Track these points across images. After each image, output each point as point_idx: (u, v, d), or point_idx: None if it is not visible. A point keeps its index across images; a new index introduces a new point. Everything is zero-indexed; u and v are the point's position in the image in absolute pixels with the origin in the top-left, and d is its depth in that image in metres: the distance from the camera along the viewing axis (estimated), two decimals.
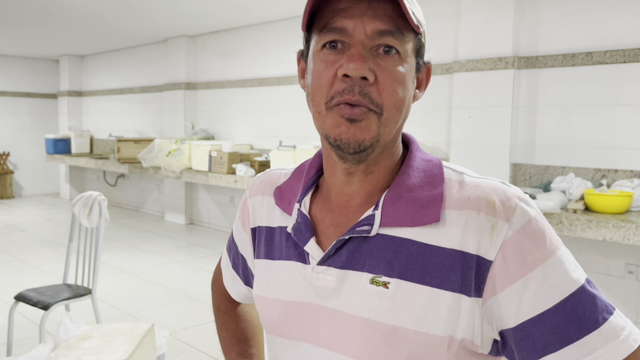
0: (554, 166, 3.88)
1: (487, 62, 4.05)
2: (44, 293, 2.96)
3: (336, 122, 0.67)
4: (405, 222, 0.68)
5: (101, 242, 3.02)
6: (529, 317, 0.64)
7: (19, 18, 5.90)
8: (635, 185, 3.41)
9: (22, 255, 5.26)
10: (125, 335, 1.63)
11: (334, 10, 0.66)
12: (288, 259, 0.77)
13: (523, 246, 0.64)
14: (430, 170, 0.72)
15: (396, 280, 0.67)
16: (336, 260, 0.71)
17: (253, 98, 6.16)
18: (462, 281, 0.65)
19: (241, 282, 0.96)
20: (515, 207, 0.66)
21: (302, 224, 0.75)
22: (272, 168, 0.91)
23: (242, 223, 0.90)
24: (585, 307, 0.63)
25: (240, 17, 5.74)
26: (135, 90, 7.90)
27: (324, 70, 0.67)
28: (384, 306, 0.67)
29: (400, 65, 0.67)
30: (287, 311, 0.76)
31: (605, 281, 3.68)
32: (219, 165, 5.60)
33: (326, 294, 0.72)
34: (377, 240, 0.69)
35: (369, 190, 0.73)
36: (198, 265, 5.00)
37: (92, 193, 3.11)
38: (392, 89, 0.67)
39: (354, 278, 0.70)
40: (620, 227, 3.06)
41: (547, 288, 0.63)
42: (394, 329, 0.66)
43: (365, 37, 0.66)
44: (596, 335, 0.62)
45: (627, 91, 3.57)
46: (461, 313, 0.65)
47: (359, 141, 0.67)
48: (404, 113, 0.70)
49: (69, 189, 9.11)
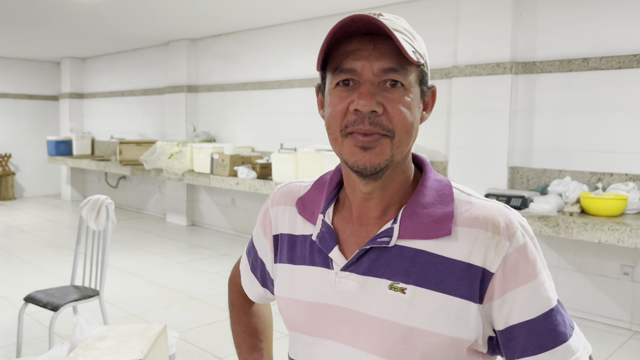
0: (551, 169, 3.95)
1: (485, 67, 4.13)
2: (53, 294, 3.02)
3: (352, 150, 0.77)
4: (421, 235, 0.78)
5: (108, 245, 3.09)
6: (515, 323, 0.76)
7: (20, 20, 5.97)
8: (630, 188, 3.49)
9: (26, 257, 5.32)
10: (140, 336, 1.71)
11: (345, 53, 0.76)
12: (312, 264, 0.85)
13: (519, 263, 0.75)
14: (441, 190, 0.82)
15: (412, 286, 0.76)
16: (358, 267, 0.80)
17: (254, 101, 6.23)
18: (469, 289, 0.75)
19: (259, 284, 1.04)
20: (517, 229, 0.77)
21: (326, 233, 0.84)
22: (291, 180, 1.01)
23: (262, 230, 0.98)
24: (558, 321, 0.76)
25: (242, 21, 5.82)
26: (137, 92, 7.97)
27: (338, 103, 0.77)
28: (402, 309, 0.76)
29: (406, 96, 0.77)
30: (311, 311, 0.84)
31: (600, 282, 3.76)
32: (221, 168, 5.67)
33: (348, 296, 0.80)
34: (395, 251, 0.78)
35: (386, 204, 0.82)
36: (200, 267, 5.07)
37: (99, 197, 3.18)
38: (401, 115, 0.76)
39: (375, 284, 0.79)
40: (616, 230, 3.13)
41: (533, 301, 0.75)
42: (411, 329, 0.76)
43: (373, 75, 0.75)
44: (565, 347, 0.75)
45: (622, 96, 3.65)
46: (470, 317, 0.76)
47: (374, 165, 0.77)
48: (413, 135, 0.79)
49: (71, 190, 9.17)
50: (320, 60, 0.78)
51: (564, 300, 3.92)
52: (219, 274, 4.84)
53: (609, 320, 3.73)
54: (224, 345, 3.27)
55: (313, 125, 5.60)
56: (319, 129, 5.54)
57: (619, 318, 3.69)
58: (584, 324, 3.72)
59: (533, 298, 0.75)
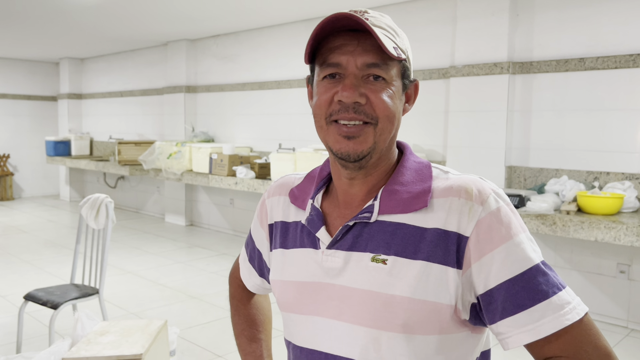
0: (548, 169, 3.98)
1: (482, 67, 4.16)
2: (53, 293, 3.04)
3: (336, 138, 0.82)
4: (399, 209, 0.82)
5: (108, 244, 3.11)
6: (493, 285, 0.77)
7: (19, 21, 5.98)
8: (626, 187, 3.52)
9: (26, 257, 5.33)
10: (141, 331, 1.73)
11: (331, 48, 0.81)
12: (301, 246, 0.90)
13: (493, 226, 0.77)
14: (420, 170, 0.87)
15: (393, 257, 0.80)
16: (342, 243, 0.85)
17: (253, 101, 6.25)
18: (445, 254, 0.78)
19: (256, 274, 1.09)
20: (489, 195, 0.80)
21: (314, 215, 0.89)
22: (287, 174, 1.05)
23: (259, 221, 1.04)
24: (539, 281, 0.76)
25: (240, 21, 5.84)
26: (136, 93, 7.99)
27: (324, 94, 0.83)
28: (383, 279, 0.80)
29: (388, 88, 0.82)
30: (301, 290, 0.88)
31: (597, 280, 3.78)
32: (220, 168, 5.69)
33: (334, 273, 0.84)
34: (377, 226, 0.83)
35: (369, 188, 0.87)
36: (200, 266, 5.09)
37: (99, 195, 3.20)
38: (384, 104, 0.81)
39: (358, 257, 0.83)
40: (612, 228, 3.16)
41: (509, 262, 0.76)
42: (392, 297, 0.79)
43: (357, 69, 0.80)
44: (545, 304, 0.75)
45: (618, 96, 3.68)
46: (448, 282, 0.78)
47: (357, 153, 0.81)
48: (395, 124, 0.84)
49: (69, 190, 9.18)
50: (307, 53, 0.82)
51: None
52: (218, 273, 4.86)
53: (605, 318, 3.76)
54: (223, 342, 3.29)
55: (311, 125, 5.60)
56: None
57: (615, 316, 3.72)
58: None
59: (509, 258, 0.76)
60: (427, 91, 4.65)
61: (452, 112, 4.38)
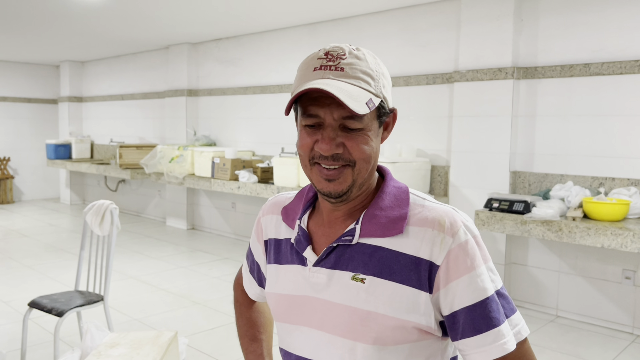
0: (553, 174, 3.98)
1: (487, 72, 4.15)
2: (57, 300, 3.02)
3: (318, 179, 0.91)
4: (378, 233, 0.91)
5: (113, 250, 3.09)
6: (457, 309, 0.88)
7: (20, 24, 5.96)
8: (632, 193, 3.51)
9: (27, 261, 5.31)
10: (151, 343, 1.71)
11: (310, 99, 0.88)
12: (292, 263, 0.99)
13: (459, 257, 0.87)
14: (399, 195, 0.95)
15: (370, 277, 0.89)
16: (326, 262, 0.94)
17: (255, 105, 6.24)
18: (419, 279, 0.88)
19: (256, 284, 1.18)
20: (459, 228, 0.89)
21: (301, 236, 0.99)
22: (280, 193, 1.13)
23: (257, 236, 1.14)
24: (492, 309, 0.87)
25: (242, 26, 5.83)
26: (137, 96, 7.97)
27: (306, 138, 0.91)
28: (361, 296, 0.89)
29: (364, 135, 0.89)
30: (291, 302, 0.98)
31: (602, 286, 3.78)
32: (222, 172, 5.67)
33: (319, 288, 0.94)
34: (357, 247, 0.92)
35: (350, 211, 0.97)
36: (202, 271, 5.07)
37: (103, 202, 3.18)
38: (360, 150, 0.89)
39: (340, 275, 0.92)
40: (618, 235, 3.15)
41: (471, 290, 0.87)
42: (368, 313, 0.88)
43: (333, 121, 0.88)
44: (496, 332, 0.87)
45: (623, 102, 3.67)
46: (419, 304, 0.88)
47: (338, 192, 0.91)
48: (372, 162, 0.92)
49: (70, 194, 9.15)
50: (289, 106, 0.89)
51: (567, 304, 3.94)
52: (220, 278, 4.84)
53: (611, 324, 3.75)
54: (229, 349, 3.28)
55: None
56: None
57: (621, 322, 3.71)
58: (586, 327, 3.74)
59: (470, 287, 0.87)
60: (431, 96, 4.65)
61: (456, 117, 4.37)
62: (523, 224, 3.52)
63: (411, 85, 4.73)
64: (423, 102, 4.70)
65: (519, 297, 4.16)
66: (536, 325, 3.78)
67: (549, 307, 4.04)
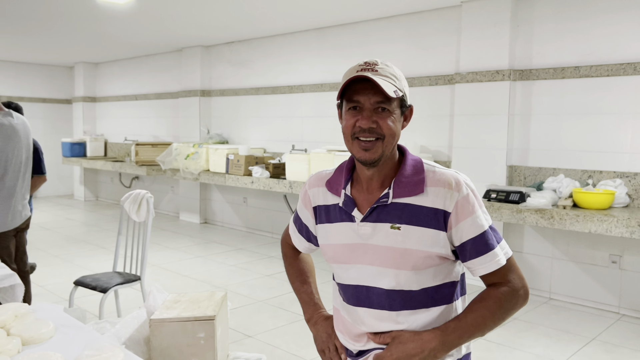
0: (546, 168, 4.32)
1: (485, 74, 4.50)
2: (99, 279, 3.36)
3: (358, 150, 1.27)
4: (405, 194, 1.28)
5: (149, 234, 3.43)
6: (464, 240, 1.26)
7: (36, 27, 6.27)
8: (617, 184, 3.86)
9: (54, 252, 5.65)
10: (208, 300, 2.06)
11: (354, 90, 1.25)
12: (342, 221, 1.35)
13: (464, 205, 1.25)
14: (416, 165, 1.31)
15: (404, 225, 1.26)
16: (370, 218, 1.30)
17: (266, 105, 6.58)
18: (437, 223, 1.25)
19: (305, 240, 1.57)
20: (462, 185, 1.26)
21: (347, 200, 1.34)
22: (319, 171, 1.49)
23: (304, 205, 1.49)
24: (489, 238, 1.27)
25: (254, 29, 6.16)
26: (150, 96, 8.31)
27: (350, 120, 1.28)
28: (398, 239, 1.26)
29: (391, 116, 1.26)
30: (345, 249, 1.34)
31: (591, 270, 4.12)
32: (236, 168, 6.01)
33: (366, 237, 1.30)
34: (391, 206, 1.28)
35: (382, 179, 1.32)
36: (219, 260, 5.41)
37: (139, 191, 3.52)
38: (388, 126, 1.26)
39: (381, 227, 1.29)
40: (604, 221, 3.50)
41: (473, 227, 1.25)
42: (405, 250, 1.26)
43: (370, 105, 1.25)
44: (492, 253, 1.26)
45: (610, 101, 4.02)
46: (439, 240, 1.25)
47: (372, 159, 1.27)
48: (395, 138, 1.29)
49: (84, 190, 9.49)
50: (339, 95, 1.27)
51: (559, 287, 4.29)
52: (237, 266, 5.18)
53: (599, 305, 4.09)
54: (252, 325, 3.62)
55: (323, 128, 5.96)
56: (328, 131, 5.90)
57: (608, 303, 4.05)
58: (576, 308, 4.09)
59: (473, 225, 1.25)
60: (433, 96, 5.00)
61: (457, 115, 4.72)
62: (518, 213, 3.87)
63: (415, 86, 5.08)
64: (426, 102, 5.04)
65: None
66: (531, 307, 4.13)
67: (542, 291, 4.38)
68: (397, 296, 1.28)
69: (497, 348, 3.37)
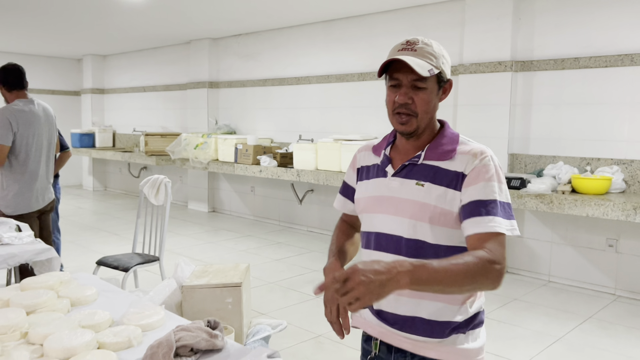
0: (546, 156, 4.49)
1: (488, 65, 4.65)
2: (120, 259, 3.54)
3: (396, 123, 1.43)
4: (435, 158, 1.41)
5: (167, 217, 3.61)
6: (468, 201, 1.34)
7: (45, 20, 6.42)
8: (614, 171, 4.02)
9: (68, 237, 5.82)
10: (233, 270, 2.24)
11: (394, 67, 1.39)
12: (377, 177, 1.51)
13: (480, 171, 1.36)
14: (452, 137, 1.46)
15: (428, 183, 1.39)
16: (400, 174, 1.45)
17: (273, 96, 6.74)
18: (456, 185, 1.37)
19: (350, 202, 1.68)
20: (485, 156, 1.38)
21: (385, 159, 1.51)
22: (367, 142, 1.65)
23: (351, 167, 1.64)
24: (492, 207, 1.32)
25: (261, 22, 6.31)
26: (158, 88, 8.47)
27: (390, 95, 1.42)
28: (420, 194, 1.39)
29: (426, 93, 1.38)
30: (374, 200, 1.49)
31: (589, 254, 4.30)
32: (245, 157, 6.18)
33: (394, 190, 1.45)
34: (421, 166, 1.42)
35: (417, 145, 1.46)
36: (229, 245, 5.59)
37: (158, 176, 3.70)
38: (422, 104, 1.39)
39: (408, 182, 1.42)
40: (601, 205, 3.67)
41: (483, 192, 1.33)
42: (425, 204, 1.38)
43: (407, 82, 1.38)
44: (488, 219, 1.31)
45: (608, 92, 4.18)
46: (456, 199, 1.37)
47: (407, 132, 1.42)
48: (430, 113, 1.42)
49: (92, 181, 9.66)
50: (380, 72, 1.41)
51: (558, 270, 4.46)
52: (247, 251, 5.36)
53: (596, 287, 4.27)
54: (267, 303, 3.79)
55: (329, 118, 6.12)
56: (334, 122, 6.06)
57: (604, 285, 4.23)
58: (574, 290, 4.27)
59: (483, 190, 1.33)
60: None
61: (460, 105, 4.88)
62: (519, 198, 4.03)
63: None
64: None
65: (516, 265, 4.68)
66: (530, 288, 4.30)
67: (542, 274, 4.56)
68: (413, 245, 1.40)
69: (498, 325, 3.55)
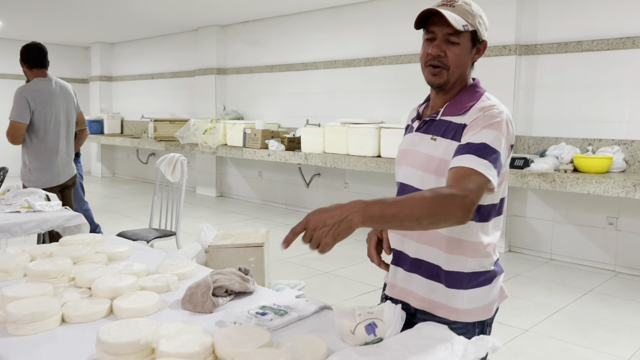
0: (549, 137, 4.61)
1: (492, 49, 4.77)
2: (139, 233, 3.69)
3: (428, 75, 1.47)
4: (451, 113, 1.46)
5: (183, 193, 3.75)
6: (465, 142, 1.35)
7: (53, 7, 6.54)
8: (615, 151, 4.15)
9: None
10: (255, 233, 2.38)
11: (431, 21, 1.43)
12: (409, 132, 1.59)
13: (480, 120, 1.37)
14: (475, 95, 1.47)
15: (439, 137, 1.45)
16: (421, 129, 1.52)
17: (280, 82, 6.86)
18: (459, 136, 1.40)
19: None
20: (493, 110, 1.39)
21: (416, 116, 1.59)
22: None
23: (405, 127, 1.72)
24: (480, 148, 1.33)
25: (269, 8, 6.42)
26: (166, 75, 8.58)
27: (424, 49, 1.47)
28: (430, 148, 1.45)
29: (459, 48, 1.42)
30: (403, 153, 1.57)
31: (589, 232, 4.43)
32: (253, 141, 6.31)
33: (415, 144, 1.52)
34: (438, 121, 1.48)
35: (445, 101, 1.50)
36: (238, 227, 5.73)
37: (174, 154, 3.83)
38: (454, 57, 1.43)
39: (424, 137, 1.49)
40: (602, 183, 3.79)
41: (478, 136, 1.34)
42: (432, 156, 1.44)
43: (442, 35, 1.42)
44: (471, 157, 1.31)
45: (610, 74, 4.30)
46: None
47: (438, 83, 1.46)
48: (461, 69, 1.45)
49: (101, 167, 9.81)
50: (416, 24, 1.45)
51: (559, 248, 4.60)
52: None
53: (596, 264, 4.41)
54: (276, 277, 3.94)
55: (336, 103, 6.24)
56: (341, 107, 6.18)
57: (604, 262, 4.37)
58: (575, 267, 4.41)
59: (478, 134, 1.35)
60: None
61: None
62: (522, 177, 4.16)
63: None
64: None
65: (519, 244, 4.82)
66: (533, 265, 4.44)
67: (544, 252, 4.70)
68: None
69: None
